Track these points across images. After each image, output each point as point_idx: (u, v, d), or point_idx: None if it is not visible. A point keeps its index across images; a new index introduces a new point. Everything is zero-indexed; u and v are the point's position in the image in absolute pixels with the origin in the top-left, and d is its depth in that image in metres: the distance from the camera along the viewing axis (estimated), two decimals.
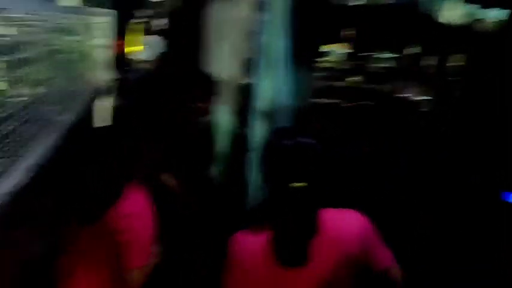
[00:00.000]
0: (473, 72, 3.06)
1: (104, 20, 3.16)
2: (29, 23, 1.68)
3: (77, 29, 2.51)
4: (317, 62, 2.61)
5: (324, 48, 2.67)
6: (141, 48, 8.84)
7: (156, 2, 11.79)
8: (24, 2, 1.60)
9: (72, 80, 2.42)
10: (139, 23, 10.96)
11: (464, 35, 2.95)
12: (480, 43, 2.96)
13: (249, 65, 2.80)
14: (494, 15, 3.02)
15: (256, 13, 2.72)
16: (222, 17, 4.12)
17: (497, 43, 2.93)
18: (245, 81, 2.82)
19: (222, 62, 4.20)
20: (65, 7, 2.49)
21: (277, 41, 2.57)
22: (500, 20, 3.00)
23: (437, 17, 2.91)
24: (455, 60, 3.11)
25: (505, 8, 2.94)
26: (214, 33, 4.33)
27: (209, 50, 4.81)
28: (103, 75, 3.31)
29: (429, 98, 3.26)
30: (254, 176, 2.98)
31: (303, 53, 2.54)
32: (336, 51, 2.69)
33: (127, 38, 8.91)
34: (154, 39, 3.58)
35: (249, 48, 2.80)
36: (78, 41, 2.46)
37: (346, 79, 2.76)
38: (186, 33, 7.09)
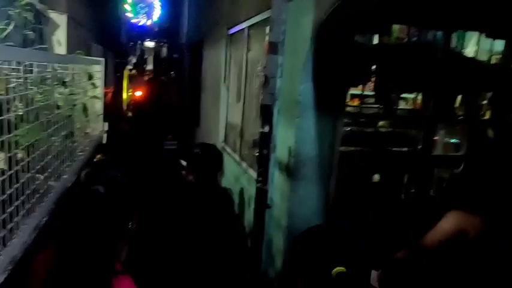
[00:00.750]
0: (501, 111, 2.84)
1: (97, 69, 2.90)
2: (17, 75, 1.38)
3: (73, 79, 2.21)
4: (343, 106, 2.34)
5: (350, 91, 2.43)
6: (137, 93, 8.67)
7: (150, 48, 11.70)
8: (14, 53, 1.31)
9: (69, 137, 2.09)
10: (134, 69, 10.85)
11: (491, 71, 2.75)
12: (505, 79, 2.76)
13: (266, 112, 2.52)
14: None
15: (271, 56, 2.48)
16: (232, 61, 3.93)
17: None
18: (262, 129, 2.53)
19: (232, 109, 3.97)
20: (57, 55, 2.20)
21: (295, 85, 2.32)
22: None
23: (462, 54, 2.72)
24: (485, 99, 2.91)
25: None
26: (224, 78, 4.13)
27: (216, 96, 4.59)
28: (100, 127, 3.00)
29: (460, 140, 3.01)
30: (270, 234, 2.63)
31: (326, 97, 2.28)
32: (362, 93, 2.45)
33: (124, 84, 8.73)
34: None
35: (265, 94, 2.53)
36: (74, 93, 2.15)
37: (375, 124, 2.50)
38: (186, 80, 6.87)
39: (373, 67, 2.47)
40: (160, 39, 10.25)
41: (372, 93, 2.49)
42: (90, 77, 2.58)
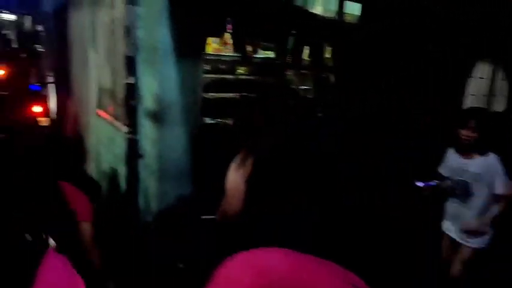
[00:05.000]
0: (339, 62, 3.35)
1: None
2: None
3: None
4: (201, 53, 2.52)
5: (209, 39, 2.61)
6: None
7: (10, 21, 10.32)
8: None
9: None
10: None
11: (332, 27, 3.22)
12: (342, 35, 3.26)
13: (129, 63, 2.57)
14: (352, 9, 3.36)
15: (129, 7, 2.52)
16: (90, 18, 3.78)
17: (356, 35, 3.27)
18: (127, 81, 2.58)
19: (99, 66, 3.85)
20: None
21: (154, 33, 2.41)
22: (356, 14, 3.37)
23: (307, 11, 3.12)
24: (328, 52, 3.39)
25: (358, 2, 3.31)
26: (92, 41, 3.95)
27: (82, 57, 4.37)
28: None
29: (308, 87, 3.47)
30: (145, 182, 2.73)
31: (184, 44, 2.42)
32: (221, 42, 2.66)
33: None
34: None
35: (126, 45, 2.57)
36: None
37: (234, 71, 2.74)
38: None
39: (229, 19, 2.70)
40: (21, 10, 9.09)
41: (229, 54, 2.72)
42: None
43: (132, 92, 2.62)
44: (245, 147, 1.24)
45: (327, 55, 3.40)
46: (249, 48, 2.80)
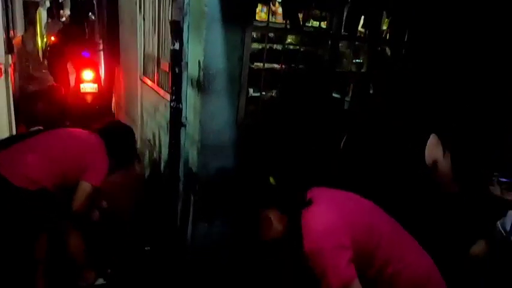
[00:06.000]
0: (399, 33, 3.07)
1: None
2: None
3: None
4: (251, 18, 2.38)
5: (259, 5, 2.47)
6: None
7: None
8: None
9: None
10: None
11: None
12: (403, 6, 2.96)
13: (175, 28, 2.49)
14: None
15: None
16: None
17: None
18: (173, 47, 2.50)
19: (146, 33, 3.83)
20: None
21: None
22: None
23: None
24: (386, 23, 3.12)
25: None
26: (139, 8, 3.92)
27: (130, 24, 4.37)
28: None
29: (361, 61, 3.24)
30: (188, 147, 2.67)
31: (233, 8, 2.29)
32: (271, 9, 2.50)
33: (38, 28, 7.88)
34: None
35: (174, 10, 2.48)
36: None
37: (284, 41, 2.58)
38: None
39: None
40: None
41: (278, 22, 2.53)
42: None
43: (177, 58, 2.54)
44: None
45: (384, 27, 3.13)
46: (300, 17, 2.61)
